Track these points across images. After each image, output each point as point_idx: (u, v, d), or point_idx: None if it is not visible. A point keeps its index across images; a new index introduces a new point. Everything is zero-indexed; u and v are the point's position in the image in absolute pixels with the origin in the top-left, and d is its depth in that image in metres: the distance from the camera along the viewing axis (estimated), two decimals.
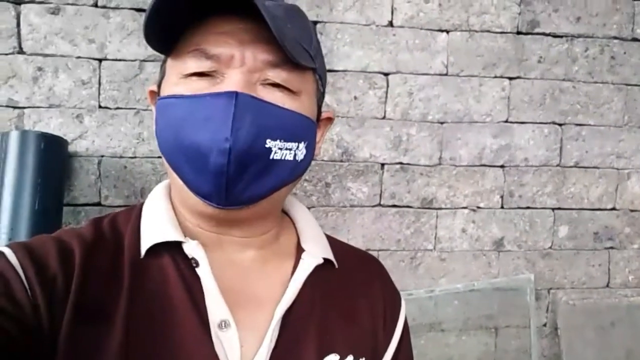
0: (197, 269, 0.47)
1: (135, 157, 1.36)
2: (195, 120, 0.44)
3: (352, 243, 0.65)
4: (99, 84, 1.34)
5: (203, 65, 0.46)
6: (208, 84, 0.46)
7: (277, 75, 0.47)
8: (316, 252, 0.55)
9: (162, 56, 0.51)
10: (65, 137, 1.31)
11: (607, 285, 1.60)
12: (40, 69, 1.31)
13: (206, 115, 0.44)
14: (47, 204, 1.21)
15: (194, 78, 0.46)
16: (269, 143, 0.46)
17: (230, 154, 0.43)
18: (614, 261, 1.60)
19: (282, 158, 0.47)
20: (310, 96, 0.51)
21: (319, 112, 0.55)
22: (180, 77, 0.47)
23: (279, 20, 0.44)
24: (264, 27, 0.43)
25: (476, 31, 1.49)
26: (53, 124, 1.32)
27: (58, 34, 1.31)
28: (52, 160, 1.23)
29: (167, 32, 0.47)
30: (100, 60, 1.34)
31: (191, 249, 0.48)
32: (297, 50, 0.46)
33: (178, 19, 0.46)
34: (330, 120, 0.59)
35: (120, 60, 1.34)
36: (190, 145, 0.45)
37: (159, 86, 0.51)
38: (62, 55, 1.32)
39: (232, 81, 0.45)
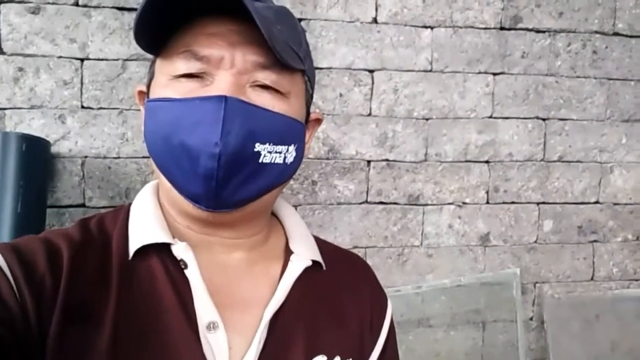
0: (185, 271, 0.47)
1: (119, 158, 1.35)
2: (185, 124, 0.44)
3: (339, 240, 0.66)
4: (81, 84, 1.32)
5: (193, 66, 0.46)
6: (197, 85, 0.46)
7: (267, 77, 0.47)
8: (305, 254, 0.55)
9: (146, 55, 0.51)
10: (47, 138, 1.29)
11: (592, 279, 1.62)
12: (21, 69, 1.29)
13: (196, 119, 0.44)
14: (30, 206, 1.19)
15: (183, 79, 0.46)
16: (258, 147, 0.46)
17: (220, 158, 0.43)
18: (598, 254, 1.62)
19: (272, 161, 0.47)
20: (299, 98, 0.52)
21: (308, 113, 0.55)
22: (170, 78, 0.47)
23: (269, 22, 0.44)
24: (254, 29, 0.43)
25: (460, 27, 1.50)
26: (35, 125, 1.30)
27: (39, 33, 1.29)
28: (35, 161, 1.22)
29: (157, 33, 0.46)
30: (82, 60, 1.32)
31: (180, 250, 0.48)
32: (286, 52, 0.46)
33: (168, 20, 0.45)
34: (318, 121, 0.59)
35: (102, 59, 1.33)
36: (179, 148, 0.45)
37: (148, 87, 0.51)
38: (43, 55, 1.30)
39: (222, 83, 0.45)
